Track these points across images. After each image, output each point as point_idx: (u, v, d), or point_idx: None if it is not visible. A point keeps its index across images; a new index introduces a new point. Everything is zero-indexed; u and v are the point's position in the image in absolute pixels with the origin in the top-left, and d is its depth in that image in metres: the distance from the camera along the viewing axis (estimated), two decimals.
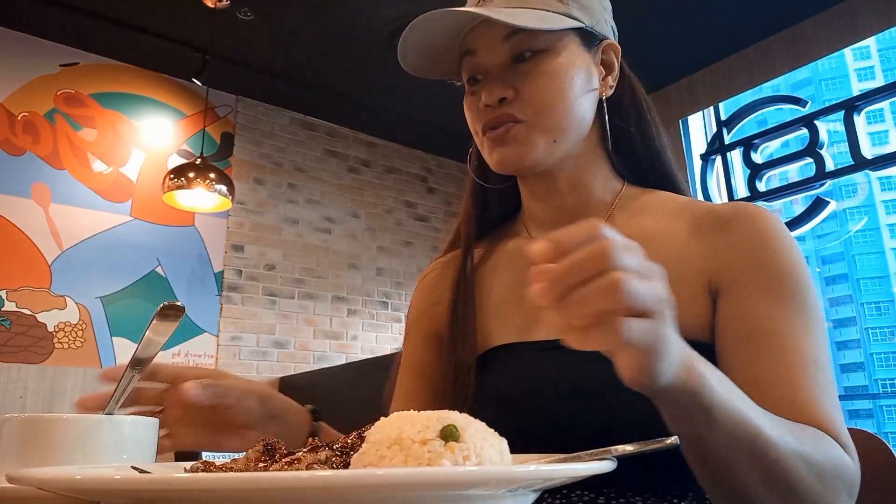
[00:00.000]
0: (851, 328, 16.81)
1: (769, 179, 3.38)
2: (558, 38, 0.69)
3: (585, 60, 0.72)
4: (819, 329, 0.62)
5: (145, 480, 0.29)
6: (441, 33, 0.70)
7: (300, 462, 0.42)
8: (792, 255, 0.64)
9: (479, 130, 0.72)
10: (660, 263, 0.52)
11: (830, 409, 0.57)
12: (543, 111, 0.68)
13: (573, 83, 0.69)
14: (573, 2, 0.70)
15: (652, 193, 0.76)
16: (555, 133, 0.69)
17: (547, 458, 0.46)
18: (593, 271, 0.38)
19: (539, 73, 0.68)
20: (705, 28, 3.25)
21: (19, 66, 3.21)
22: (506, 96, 0.68)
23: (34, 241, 3.09)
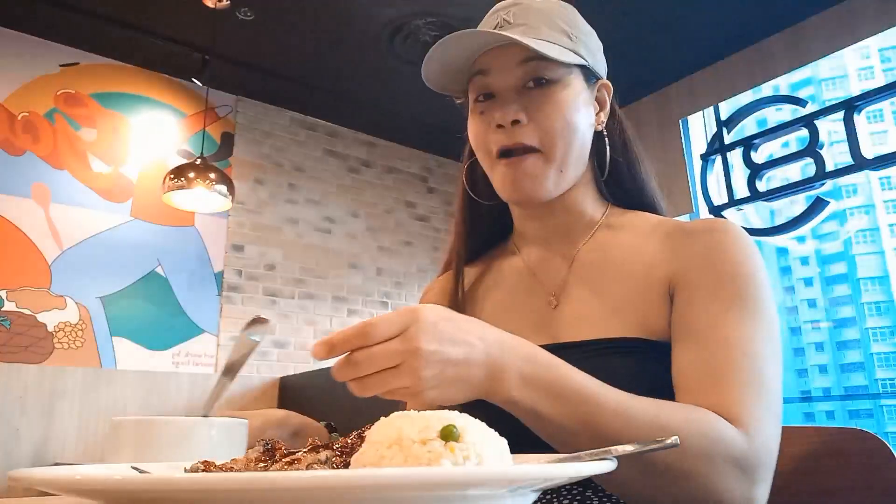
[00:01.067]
0: (851, 328, 16.80)
1: (769, 179, 3.38)
2: (568, 72, 0.74)
3: (587, 96, 0.77)
4: (760, 325, 0.64)
5: (145, 480, 0.29)
6: (462, 53, 0.73)
7: (300, 462, 0.42)
8: (744, 260, 0.68)
9: (491, 151, 0.74)
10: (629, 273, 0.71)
11: (737, 388, 0.59)
12: (555, 140, 0.72)
13: (579, 115, 0.74)
14: (579, 41, 0.76)
15: (633, 214, 0.82)
16: (562, 163, 0.74)
17: (547, 458, 0.46)
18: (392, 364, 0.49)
19: (551, 101, 0.72)
20: (705, 28, 3.25)
21: (19, 66, 3.21)
22: (519, 119, 0.71)
23: (34, 241, 3.09)
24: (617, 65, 3.63)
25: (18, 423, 2.90)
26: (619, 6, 3.06)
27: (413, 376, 0.49)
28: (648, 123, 3.84)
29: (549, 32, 0.73)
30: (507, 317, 0.80)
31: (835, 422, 16.16)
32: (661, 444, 0.40)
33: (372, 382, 0.49)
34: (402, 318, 0.50)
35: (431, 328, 0.50)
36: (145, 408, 3.23)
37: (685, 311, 0.67)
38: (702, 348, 0.63)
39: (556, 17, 0.75)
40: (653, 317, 0.69)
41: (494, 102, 0.74)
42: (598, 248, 0.78)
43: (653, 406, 0.56)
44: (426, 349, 0.49)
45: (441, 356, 0.50)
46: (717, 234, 0.71)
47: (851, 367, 17.94)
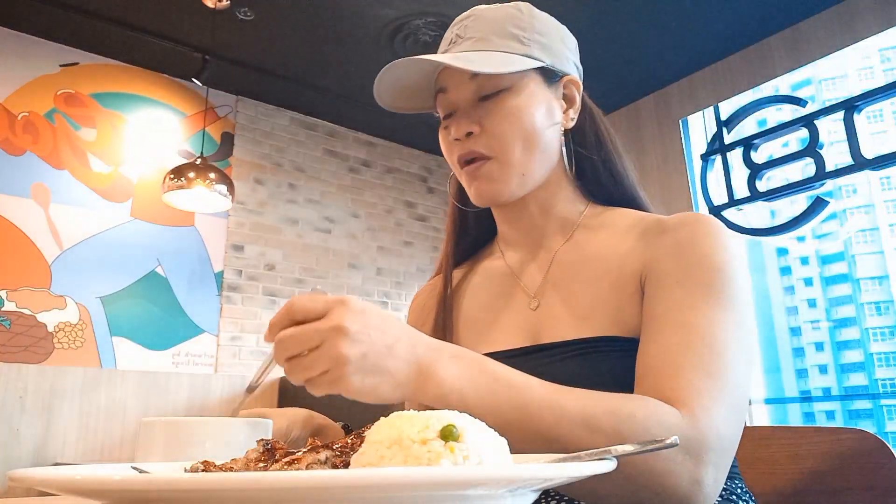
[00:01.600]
0: (851, 328, 16.79)
1: (769, 179, 3.38)
2: (520, 77, 0.75)
3: (546, 96, 0.78)
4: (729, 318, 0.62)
5: (145, 480, 0.29)
6: (416, 75, 0.77)
7: (300, 462, 0.42)
8: (716, 250, 0.67)
9: (455, 162, 0.79)
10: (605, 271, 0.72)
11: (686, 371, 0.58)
12: (507, 145, 0.74)
13: (533, 118, 0.75)
14: (533, 43, 0.76)
15: (613, 211, 0.82)
16: (522, 167, 0.75)
17: (547, 458, 0.46)
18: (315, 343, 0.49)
19: (501, 109, 0.74)
20: (705, 28, 3.25)
21: (19, 66, 3.21)
22: (472, 131, 0.75)
23: (34, 241, 3.09)
24: (617, 65, 3.66)
25: (18, 423, 2.90)
26: (619, 6, 3.06)
27: (334, 356, 0.48)
28: (648, 123, 3.84)
29: (498, 41, 0.75)
30: (489, 318, 0.81)
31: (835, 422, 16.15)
32: (662, 443, 0.40)
33: (299, 365, 0.50)
34: (329, 300, 0.50)
35: (357, 312, 0.50)
36: (145, 408, 3.23)
37: (651, 301, 0.67)
38: (660, 334, 0.63)
39: (509, 23, 0.76)
40: (627, 314, 0.69)
41: (453, 117, 0.77)
42: (576, 247, 0.79)
43: (585, 396, 0.55)
44: (349, 328, 0.49)
45: (365, 338, 0.49)
46: (691, 227, 0.70)
47: (851, 367, 17.94)
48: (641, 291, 0.70)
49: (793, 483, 0.81)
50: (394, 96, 0.79)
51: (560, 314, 0.74)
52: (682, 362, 0.59)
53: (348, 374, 0.49)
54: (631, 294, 0.70)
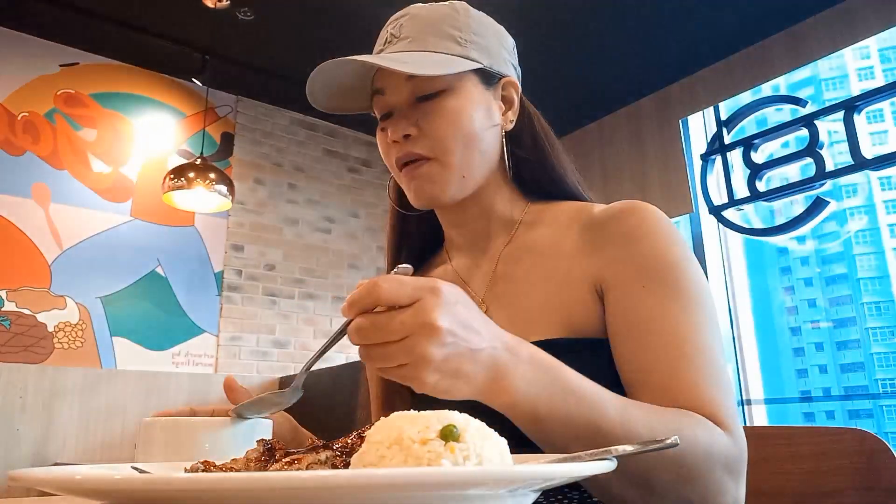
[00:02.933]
0: (851, 328, 16.80)
1: (769, 179, 3.38)
2: (457, 79, 0.74)
3: (485, 98, 0.76)
4: (701, 314, 0.64)
5: (145, 480, 0.29)
6: (351, 75, 0.75)
7: (300, 462, 0.42)
8: (667, 246, 0.67)
9: (392, 164, 0.77)
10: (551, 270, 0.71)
11: (707, 389, 0.59)
12: (447, 147, 0.73)
13: (472, 120, 0.74)
14: (471, 44, 0.75)
15: (554, 206, 0.81)
16: (462, 169, 0.74)
17: (547, 458, 0.46)
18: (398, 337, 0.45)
19: (439, 111, 0.73)
20: (705, 28, 3.25)
21: (19, 66, 3.21)
22: (409, 133, 0.73)
23: (34, 241, 3.09)
24: (616, 65, 3.66)
25: (18, 423, 2.90)
26: (619, 6, 3.06)
27: (417, 354, 0.45)
28: (648, 123, 3.84)
29: (435, 42, 0.73)
30: None
31: (835, 422, 16.09)
32: (662, 443, 0.39)
33: (376, 353, 0.46)
34: (418, 287, 0.46)
35: (449, 306, 0.46)
36: (145, 408, 3.23)
37: (622, 309, 0.66)
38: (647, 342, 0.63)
39: (445, 23, 0.74)
40: (577, 315, 0.69)
41: (391, 119, 0.76)
42: (519, 248, 0.78)
43: (650, 412, 0.55)
44: (439, 326, 0.45)
45: (451, 339, 0.46)
46: (633, 219, 0.69)
47: (851, 367, 17.93)
48: (597, 295, 0.69)
49: (793, 483, 0.81)
50: (329, 97, 0.77)
51: (510, 317, 0.73)
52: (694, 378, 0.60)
53: (426, 374, 0.46)
54: (581, 295, 0.69)
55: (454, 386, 0.48)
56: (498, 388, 0.50)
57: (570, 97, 3.86)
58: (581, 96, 3.87)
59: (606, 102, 3.98)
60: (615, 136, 4.01)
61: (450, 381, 0.47)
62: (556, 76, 3.56)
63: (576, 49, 3.30)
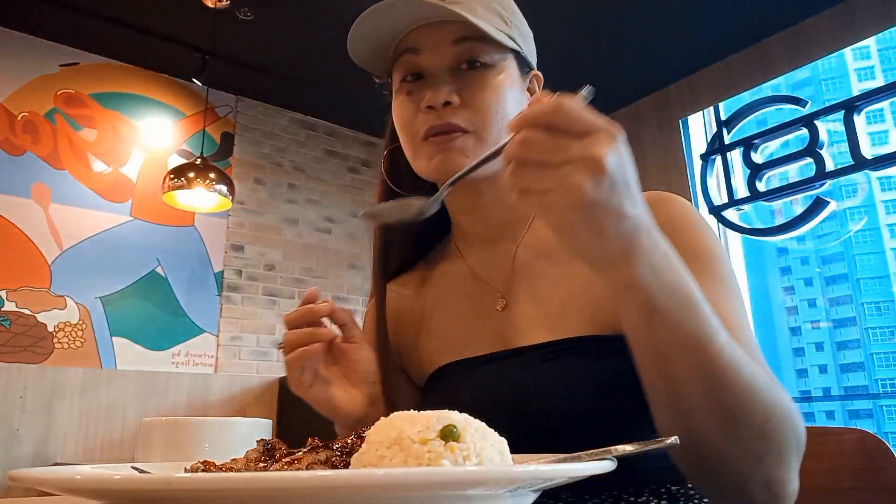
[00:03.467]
0: (851, 328, 16.79)
1: (769, 179, 3.38)
2: (503, 57, 0.70)
3: (519, 84, 0.74)
4: (738, 298, 0.63)
5: (145, 480, 0.29)
6: (390, 27, 0.69)
7: (300, 462, 0.42)
8: (706, 236, 0.66)
9: (418, 132, 0.69)
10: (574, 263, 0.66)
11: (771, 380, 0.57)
12: (488, 123, 0.68)
13: (511, 102, 0.70)
14: (515, 27, 0.72)
15: None
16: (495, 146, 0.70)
17: (547, 458, 0.46)
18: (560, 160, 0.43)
19: (486, 84, 0.68)
20: (705, 28, 3.25)
21: (19, 66, 3.21)
22: (451, 101, 0.67)
23: (34, 241, 3.09)
24: (617, 65, 3.65)
25: (18, 423, 2.90)
26: (619, 6, 3.06)
27: (571, 185, 0.42)
28: (648, 123, 3.84)
29: (484, 13, 0.69)
30: (456, 325, 0.75)
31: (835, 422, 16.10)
32: (661, 443, 0.40)
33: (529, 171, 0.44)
34: (602, 124, 0.43)
35: (622, 155, 0.44)
36: (145, 408, 3.23)
37: None
38: None
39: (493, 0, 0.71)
40: (605, 310, 0.65)
41: (424, 83, 0.70)
42: (537, 239, 0.74)
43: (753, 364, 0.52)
44: (606, 166, 0.42)
45: (611, 187, 0.43)
46: (671, 210, 0.67)
47: (851, 367, 17.94)
48: None
49: None
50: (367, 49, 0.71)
51: (530, 314, 0.69)
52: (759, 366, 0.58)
53: (569, 209, 0.43)
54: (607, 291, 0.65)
55: (587, 238, 0.45)
56: (625, 262, 0.47)
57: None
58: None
59: (606, 102, 3.98)
60: None
61: (586, 229, 0.44)
62: (555, 76, 3.55)
63: (575, 49, 3.30)
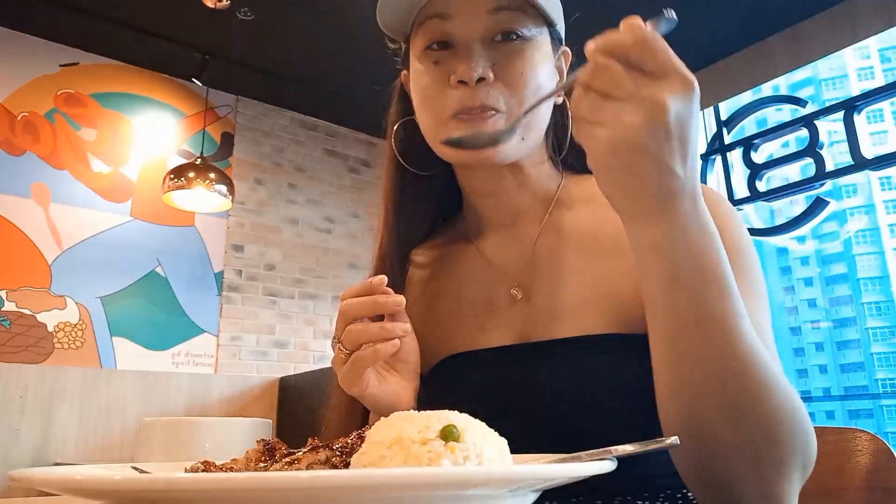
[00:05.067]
0: (851, 328, 16.79)
1: (769, 179, 3.38)
2: (540, 31, 0.66)
3: (552, 60, 0.70)
4: (761, 296, 0.60)
5: (145, 480, 0.29)
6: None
7: (300, 462, 0.42)
8: (736, 228, 0.63)
9: (446, 108, 0.64)
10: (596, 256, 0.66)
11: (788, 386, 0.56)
12: (520, 101, 0.63)
13: (546, 80, 0.66)
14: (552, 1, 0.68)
15: (589, 180, 0.73)
16: (526, 129, 0.65)
17: (547, 459, 0.46)
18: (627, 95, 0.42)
19: (524, 60, 0.64)
20: (705, 28, 3.25)
21: (19, 66, 3.21)
22: (486, 77, 0.62)
23: (34, 241, 3.09)
24: None
25: (18, 423, 2.89)
26: (619, 7, 3.06)
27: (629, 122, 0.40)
28: None
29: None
30: (467, 314, 0.71)
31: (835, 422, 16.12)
32: (661, 443, 0.39)
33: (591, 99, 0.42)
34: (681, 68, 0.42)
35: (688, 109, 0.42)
36: (145, 408, 3.23)
37: None
38: None
39: None
40: (629, 306, 0.62)
41: (455, 53, 0.64)
42: (557, 227, 0.71)
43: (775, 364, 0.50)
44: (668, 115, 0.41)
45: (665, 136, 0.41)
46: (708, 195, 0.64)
47: (851, 367, 17.96)
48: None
49: None
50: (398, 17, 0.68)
51: (551, 307, 0.66)
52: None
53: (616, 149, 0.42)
54: (633, 285, 0.62)
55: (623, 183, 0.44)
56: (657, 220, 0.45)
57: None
58: None
59: None
60: None
61: (625, 174, 0.43)
62: None
63: (575, 49, 3.30)
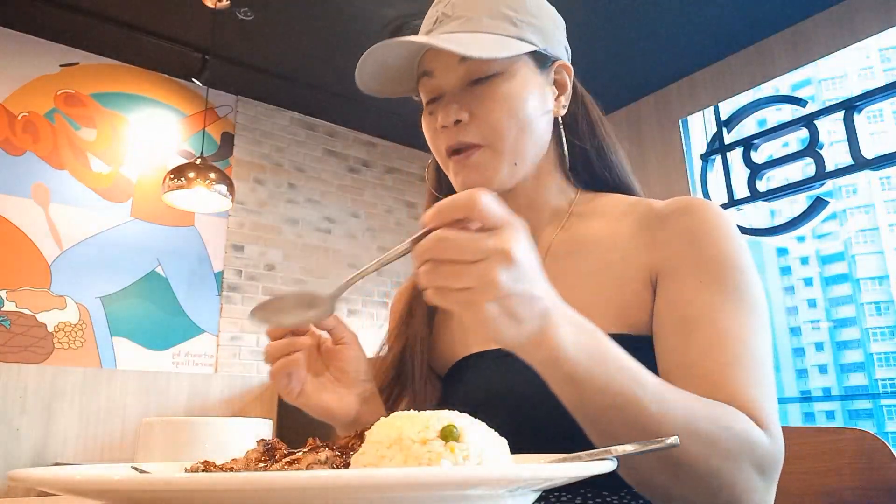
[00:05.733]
0: (851, 328, 16.79)
1: (769, 179, 3.38)
2: (512, 62, 0.71)
3: (539, 82, 0.73)
4: (753, 314, 0.62)
5: (145, 480, 0.29)
6: (398, 57, 0.71)
7: (300, 462, 0.42)
8: (728, 243, 0.65)
9: (441, 151, 0.74)
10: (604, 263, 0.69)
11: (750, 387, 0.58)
12: (500, 133, 0.70)
13: (527, 105, 0.71)
14: (526, 25, 0.71)
15: (604, 197, 0.79)
16: (514, 156, 0.71)
17: (547, 458, 0.46)
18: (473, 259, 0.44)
19: (493, 96, 0.70)
20: (705, 28, 3.25)
21: (19, 66, 3.21)
22: (461, 119, 0.70)
23: (34, 241, 3.09)
24: (617, 65, 3.66)
25: (18, 423, 2.90)
26: (619, 6, 3.06)
27: (487, 280, 0.44)
28: (648, 123, 3.84)
29: (489, 23, 0.69)
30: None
31: (835, 422, 16.13)
32: (661, 443, 0.39)
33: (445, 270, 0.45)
34: (507, 219, 0.46)
35: (527, 251, 0.47)
36: (145, 408, 3.23)
37: (675, 301, 0.64)
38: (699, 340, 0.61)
39: (500, 2, 0.71)
40: (633, 309, 0.67)
41: (440, 103, 0.73)
42: (569, 238, 0.76)
43: (688, 395, 0.54)
44: (518, 258, 0.45)
45: (522, 276, 0.45)
46: (696, 216, 0.68)
47: (851, 367, 17.95)
48: (651, 288, 0.67)
49: (793, 483, 0.81)
50: (378, 80, 0.74)
51: None
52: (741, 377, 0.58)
53: (488, 304, 0.45)
54: (637, 290, 0.67)
55: (505, 327, 0.47)
56: (542, 340, 0.49)
57: None
58: None
59: (606, 102, 3.97)
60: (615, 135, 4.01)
61: (505, 320, 0.47)
62: None
63: (575, 49, 3.30)
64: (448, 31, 0.70)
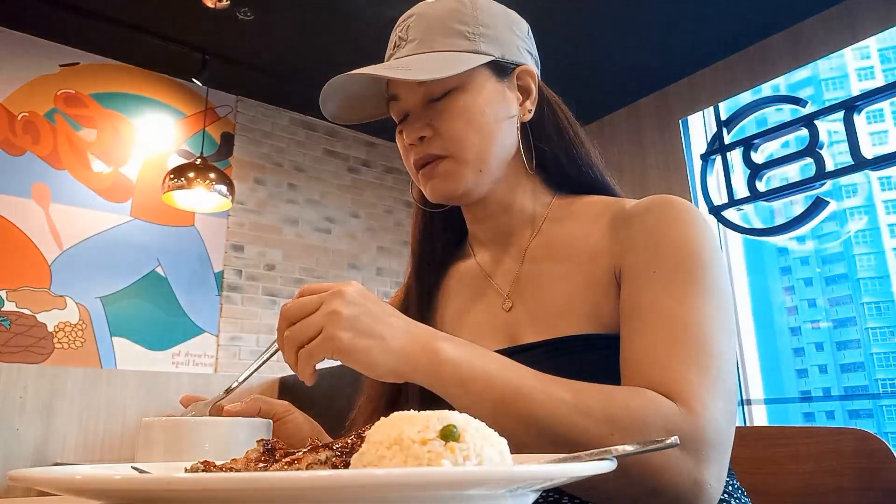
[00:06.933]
0: (851, 328, 16.77)
1: (769, 179, 3.38)
2: (468, 75, 0.73)
3: (499, 89, 0.75)
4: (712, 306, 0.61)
5: (145, 480, 0.29)
6: (364, 85, 0.76)
7: (300, 462, 0.42)
8: (687, 233, 0.65)
9: (411, 166, 0.78)
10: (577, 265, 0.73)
11: (680, 363, 0.57)
12: (461, 144, 0.73)
13: (486, 114, 0.73)
14: (480, 37, 0.74)
15: (581, 200, 0.80)
16: (478, 163, 0.74)
17: (547, 458, 0.46)
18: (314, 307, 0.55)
19: (451, 110, 0.73)
20: (705, 28, 3.25)
21: (19, 66, 3.21)
22: (424, 135, 0.74)
23: (34, 241, 3.09)
24: (617, 65, 3.66)
25: (18, 423, 2.90)
26: (619, 6, 3.06)
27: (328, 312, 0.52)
28: (648, 123, 3.84)
29: (442, 41, 0.73)
30: (465, 322, 0.79)
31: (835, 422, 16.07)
32: (661, 443, 0.39)
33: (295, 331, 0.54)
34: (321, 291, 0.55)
35: (358, 289, 0.55)
36: (145, 408, 3.23)
37: (628, 294, 0.65)
38: (643, 327, 0.61)
39: (452, 19, 0.74)
40: (604, 308, 0.67)
41: (406, 122, 0.76)
42: (545, 242, 0.77)
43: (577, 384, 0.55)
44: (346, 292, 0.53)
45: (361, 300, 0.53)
46: (658, 212, 0.68)
47: (851, 367, 17.93)
48: (617, 286, 0.68)
49: (793, 483, 0.81)
50: (345, 109, 0.78)
51: (535, 313, 0.73)
52: (671, 356, 0.57)
53: (340, 331, 0.52)
54: (606, 289, 0.68)
55: (372, 347, 0.53)
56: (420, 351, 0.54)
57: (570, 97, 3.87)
58: (581, 96, 3.87)
59: (606, 102, 3.98)
60: (615, 135, 4.01)
61: (366, 340, 0.53)
62: (555, 76, 3.55)
63: (575, 49, 3.30)
64: (405, 54, 0.74)
